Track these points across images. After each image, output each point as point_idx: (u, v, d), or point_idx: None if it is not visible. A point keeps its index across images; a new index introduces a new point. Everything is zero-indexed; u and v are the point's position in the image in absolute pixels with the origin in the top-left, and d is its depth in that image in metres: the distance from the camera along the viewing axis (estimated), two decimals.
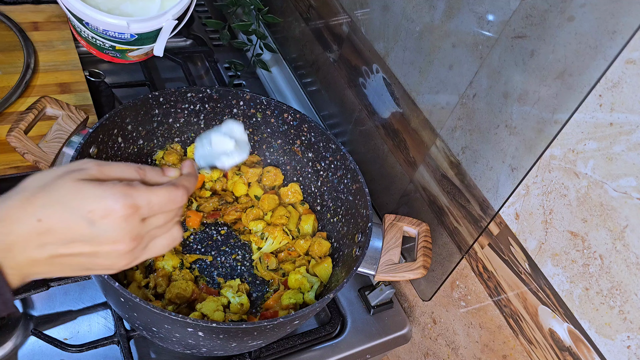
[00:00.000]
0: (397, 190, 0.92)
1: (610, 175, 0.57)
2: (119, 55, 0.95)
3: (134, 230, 0.46)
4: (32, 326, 0.73)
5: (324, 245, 0.83)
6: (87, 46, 0.96)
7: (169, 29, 0.86)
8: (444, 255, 0.83)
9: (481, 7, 0.68)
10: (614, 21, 0.53)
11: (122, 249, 0.46)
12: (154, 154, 0.86)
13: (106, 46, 0.91)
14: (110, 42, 0.90)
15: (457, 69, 0.74)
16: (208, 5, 1.30)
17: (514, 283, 0.72)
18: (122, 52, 0.94)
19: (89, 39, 0.92)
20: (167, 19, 0.84)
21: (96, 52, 0.96)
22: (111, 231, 0.45)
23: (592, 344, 0.63)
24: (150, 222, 0.48)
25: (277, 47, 1.23)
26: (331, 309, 0.86)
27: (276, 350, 0.78)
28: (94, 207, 0.44)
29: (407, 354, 0.99)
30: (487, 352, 0.80)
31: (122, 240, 0.46)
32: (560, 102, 0.60)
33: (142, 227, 0.47)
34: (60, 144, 0.72)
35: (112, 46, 0.91)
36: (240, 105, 0.87)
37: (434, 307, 0.89)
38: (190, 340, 0.64)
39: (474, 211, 0.75)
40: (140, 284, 0.74)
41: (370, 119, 0.95)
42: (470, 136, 0.74)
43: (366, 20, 0.91)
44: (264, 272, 0.82)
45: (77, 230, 0.44)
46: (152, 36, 0.90)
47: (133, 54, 0.95)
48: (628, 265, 0.57)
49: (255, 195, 0.89)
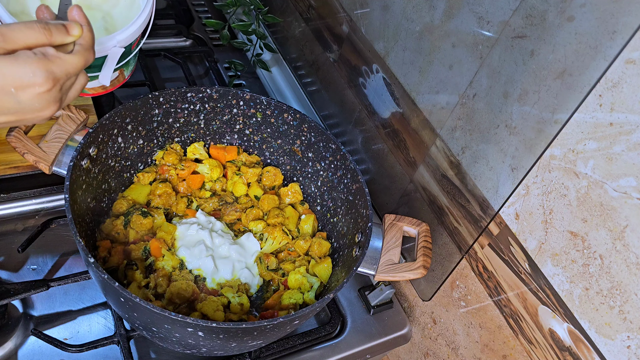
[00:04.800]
0: (397, 190, 0.92)
1: (610, 175, 0.57)
2: None
3: (56, 96, 0.53)
4: (32, 326, 0.73)
5: (324, 245, 0.83)
6: None
7: (115, 57, 0.76)
8: (444, 255, 0.83)
9: (481, 7, 0.68)
10: (614, 21, 0.53)
11: (46, 114, 0.54)
12: (154, 154, 0.86)
13: None
14: None
15: (457, 69, 0.74)
16: (208, 5, 1.30)
17: (514, 283, 0.72)
18: None
19: None
20: (114, 45, 0.75)
21: None
22: (36, 103, 0.52)
23: (592, 344, 0.63)
24: (67, 84, 0.55)
25: (277, 47, 1.23)
26: (331, 309, 0.86)
27: (276, 350, 0.78)
28: (16, 83, 0.50)
29: (407, 354, 0.99)
30: (487, 352, 0.80)
31: (46, 107, 0.53)
32: (560, 102, 0.60)
33: (62, 92, 0.54)
34: (60, 144, 0.72)
35: None
36: (240, 105, 0.87)
37: (434, 307, 0.89)
38: (190, 340, 0.64)
39: (474, 211, 0.75)
40: (140, 284, 0.74)
41: (370, 119, 0.95)
42: (470, 136, 0.74)
43: (366, 20, 0.91)
44: (264, 272, 0.82)
45: (3, 104, 0.51)
46: (98, 65, 0.78)
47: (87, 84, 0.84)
48: (628, 265, 0.57)
49: (255, 196, 0.89)
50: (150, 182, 0.85)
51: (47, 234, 0.79)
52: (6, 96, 0.50)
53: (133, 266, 0.75)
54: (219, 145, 0.91)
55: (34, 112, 0.53)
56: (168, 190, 0.83)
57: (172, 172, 0.86)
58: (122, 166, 0.81)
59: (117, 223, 0.78)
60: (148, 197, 0.83)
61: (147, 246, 0.77)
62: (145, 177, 0.84)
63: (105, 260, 0.75)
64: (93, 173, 0.74)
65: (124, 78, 0.88)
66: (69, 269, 0.80)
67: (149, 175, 0.84)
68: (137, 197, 0.82)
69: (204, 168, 0.88)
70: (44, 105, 0.53)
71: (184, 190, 0.86)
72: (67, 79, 0.54)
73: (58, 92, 0.53)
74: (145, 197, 0.83)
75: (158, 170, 0.86)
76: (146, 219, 0.78)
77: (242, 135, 0.90)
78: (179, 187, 0.86)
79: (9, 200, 0.81)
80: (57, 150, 0.71)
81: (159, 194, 0.83)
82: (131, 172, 0.84)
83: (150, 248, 0.77)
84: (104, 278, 0.58)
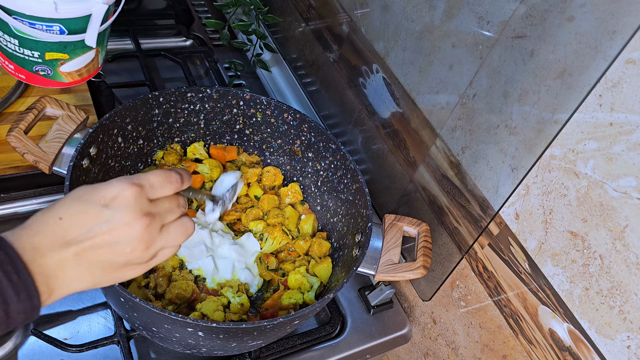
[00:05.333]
0: (397, 190, 0.92)
1: (610, 175, 0.57)
2: (49, 73, 0.84)
3: (144, 208, 0.50)
4: (32, 326, 0.73)
5: (324, 245, 0.83)
6: (17, 69, 0.83)
7: (100, 15, 0.77)
8: (444, 255, 0.83)
9: (481, 7, 0.68)
10: (614, 21, 0.53)
11: (137, 227, 0.49)
12: (154, 154, 0.86)
13: (34, 56, 0.80)
14: (37, 46, 0.79)
15: (457, 69, 0.74)
16: (208, 5, 1.30)
17: (514, 283, 0.72)
18: (52, 64, 0.82)
19: (15, 52, 0.80)
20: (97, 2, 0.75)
21: (23, 72, 0.84)
22: (124, 210, 0.48)
23: (592, 344, 0.63)
24: (158, 204, 0.52)
25: (277, 47, 1.23)
26: (331, 309, 0.86)
27: (276, 350, 0.78)
28: (104, 193, 0.49)
29: (407, 354, 0.99)
30: (487, 352, 0.80)
31: (135, 217, 0.49)
32: (560, 102, 0.60)
33: (151, 206, 0.51)
34: (60, 144, 0.72)
35: (40, 55, 0.80)
36: (240, 105, 0.87)
37: (434, 307, 0.89)
38: (190, 340, 0.64)
39: (474, 211, 0.75)
40: (140, 284, 0.74)
41: (370, 119, 0.95)
42: (470, 136, 0.74)
43: (366, 20, 0.91)
44: (264, 272, 0.82)
45: (94, 216, 0.48)
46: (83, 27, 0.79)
47: (65, 67, 0.84)
48: (628, 265, 0.57)
49: (255, 196, 0.89)
50: None
51: None
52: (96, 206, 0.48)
53: None
54: (219, 145, 0.91)
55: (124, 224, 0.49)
56: None
57: None
58: (122, 166, 0.81)
59: None
60: None
61: None
62: None
63: None
64: (93, 173, 0.74)
65: (97, 66, 0.87)
66: None
67: None
68: None
69: (204, 168, 0.88)
70: (132, 214, 0.49)
71: None
72: (153, 190, 0.51)
73: (146, 201, 0.50)
74: None
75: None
76: None
77: (242, 135, 0.90)
78: None
79: (9, 200, 0.81)
80: (57, 150, 0.71)
81: None
82: (131, 172, 0.84)
83: None
84: None
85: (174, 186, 0.53)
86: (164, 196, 0.52)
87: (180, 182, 0.54)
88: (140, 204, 0.50)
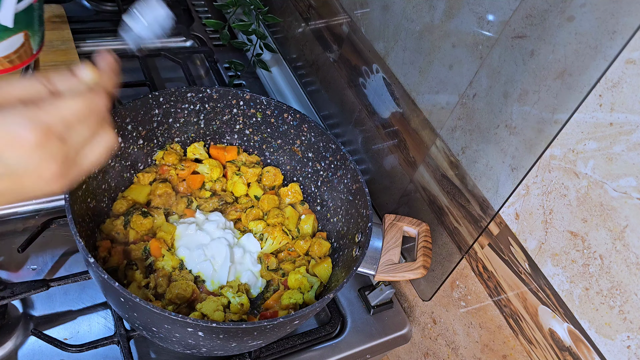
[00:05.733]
0: (397, 190, 0.92)
1: (610, 175, 0.57)
2: None
3: (53, 154, 0.41)
4: (32, 326, 0.73)
5: (324, 245, 0.83)
6: None
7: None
8: (444, 255, 0.83)
9: (481, 7, 0.68)
10: (614, 21, 0.53)
11: (46, 175, 0.42)
12: (154, 154, 0.86)
13: None
14: None
15: (457, 69, 0.74)
16: (208, 5, 1.30)
17: (514, 283, 0.72)
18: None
19: None
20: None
21: None
22: (27, 162, 0.40)
23: (592, 344, 0.63)
24: (72, 138, 0.43)
25: (277, 47, 1.23)
26: (331, 309, 0.86)
27: (276, 350, 0.78)
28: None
29: (407, 354, 0.99)
30: (487, 352, 0.80)
31: (43, 167, 0.41)
32: (560, 102, 0.60)
33: (62, 147, 0.42)
34: None
35: None
36: (240, 105, 0.87)
37: (434, 307, 0.89)
38: (190, 340, 0.64)
39: (474, 211, 0.75)
40: (140, 284, 0.74)
41: (370, 119, 0.95)
42: (470, 136, 0.74)
43: (366, 20, 0.91)
44: (264, 272, 0.82)
45: None
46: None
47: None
48: (628, 265, 0.57)
49: (255, 196, 0.89)
50: (150, 182, 0.85)
51: (47, 234, 0.79)
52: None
53: (133, 266, 0.75)
54: (219, 145, 0.91)
55: (29, 175, 0.41)
56: (168, 191, 0.83)
57: (172, 172, 0.86)
58: (122, 166, 0.81)
59: (117, 223, 0.78)
60: (148, 197, 0.83)
61: (147, 246, 0.77)
62: (145, 177, 0.84)
63: (105, 260, 0.75)
64: (93, 173, 0.74)
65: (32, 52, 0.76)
66: (69, 269, 0.80)
67: (149, 175, 0.84)
68: (137, 197, 0.82)
69: (204, 168, 0.88)
70: (38, 164, 0.41)
71: (184, 190, 0.86)
72: (70, 130, 0.43)
73: (56, 144, 0.41)
74: (145, 197, 0.83)
75: (158, 170, 0.86)
76: (146, 219, 0.78)
77: (242, 135, 0.91)
78: (179, 187, 0.86)
79: None
80: None
81: (159, 194, 0.83)
82: (131, 172, 0.84)
83: (150, 248, 0.77)
84: (104, 278, 0.58)
85: (98, 113, 0.44)
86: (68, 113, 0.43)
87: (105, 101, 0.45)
88: (49, 150, 0.41)
